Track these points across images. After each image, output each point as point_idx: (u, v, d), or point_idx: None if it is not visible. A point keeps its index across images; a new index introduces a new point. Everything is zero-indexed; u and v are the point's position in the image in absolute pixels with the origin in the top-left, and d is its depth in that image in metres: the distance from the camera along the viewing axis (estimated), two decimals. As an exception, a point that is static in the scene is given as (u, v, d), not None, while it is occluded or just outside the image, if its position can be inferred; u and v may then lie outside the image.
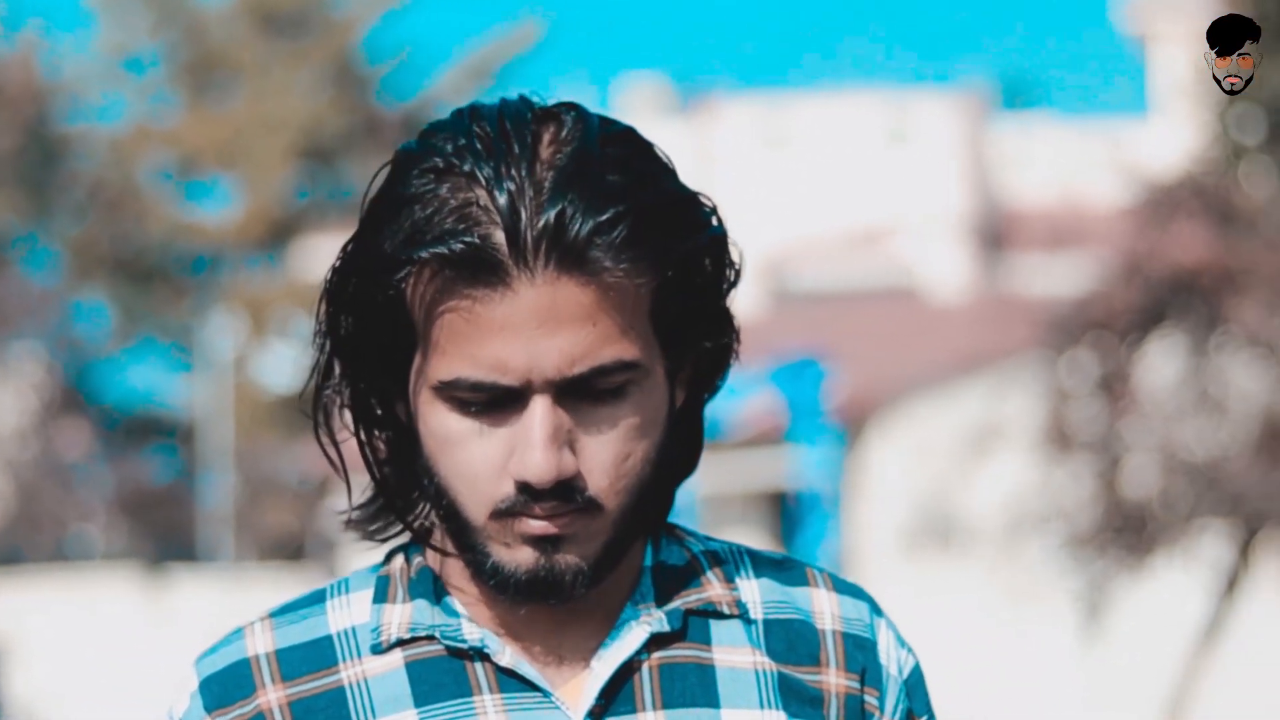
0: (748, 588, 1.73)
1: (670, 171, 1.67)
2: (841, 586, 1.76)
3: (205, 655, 1.72)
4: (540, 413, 1.61)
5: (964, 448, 20.57)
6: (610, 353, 1.62)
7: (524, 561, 1.64)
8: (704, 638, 1.70)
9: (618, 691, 1.67)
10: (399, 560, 1.73)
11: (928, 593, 21.04)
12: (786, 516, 22.25)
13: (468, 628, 1.68)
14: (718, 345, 1.69)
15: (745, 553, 1.75)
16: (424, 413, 1.65)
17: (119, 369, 41.97)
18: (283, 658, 1.70)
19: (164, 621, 28.38)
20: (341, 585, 1.73)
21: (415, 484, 1.69)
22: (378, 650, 1.69)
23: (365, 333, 1.66)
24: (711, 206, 1.67)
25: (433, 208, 1.62)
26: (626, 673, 1.68)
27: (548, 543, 1.63)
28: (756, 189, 32.24)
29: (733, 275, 1.68)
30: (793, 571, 1.75)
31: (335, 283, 1.66)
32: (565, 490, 1.62)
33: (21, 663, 27.72)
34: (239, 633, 1.73)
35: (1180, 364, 15.59)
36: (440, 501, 1.66)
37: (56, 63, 41.84)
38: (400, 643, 1.69)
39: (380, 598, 1.71)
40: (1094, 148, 31.96)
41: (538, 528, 1.63)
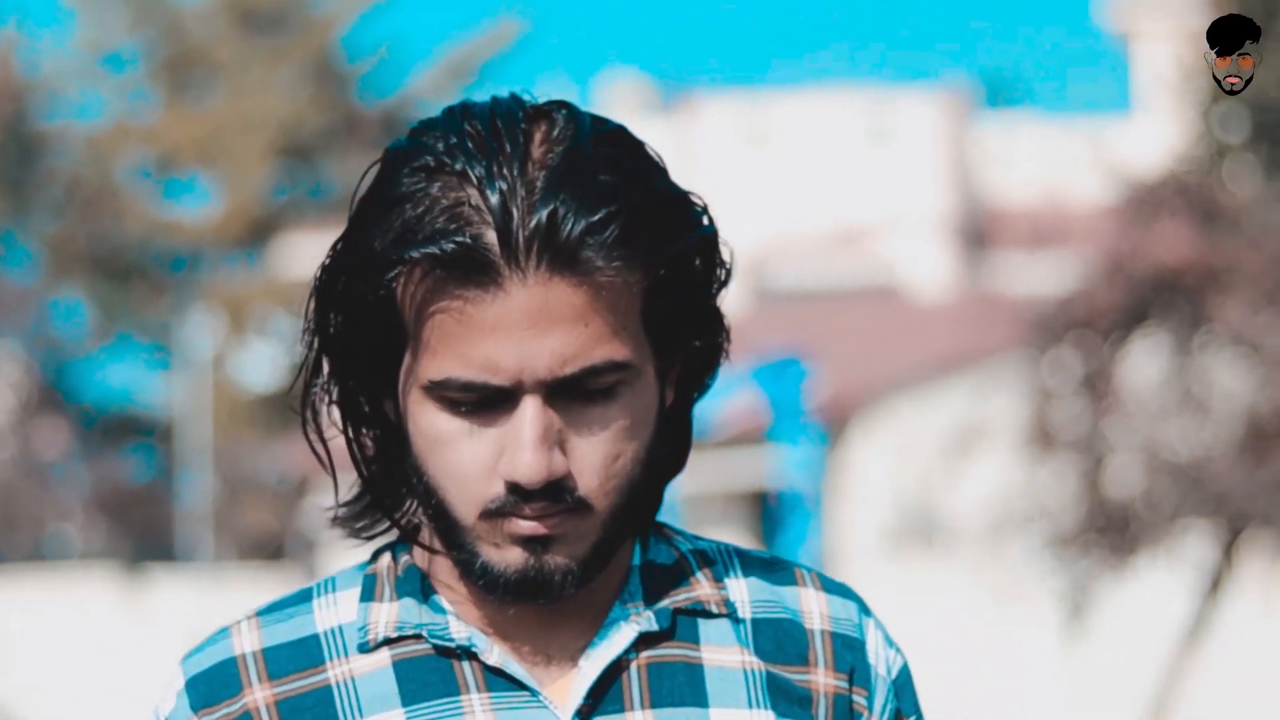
0: (736, 587, 1.73)
1: (661, 170, 1.66)
2: (830, 586, 1.76)
3: (191, 654, 1.72)
4: (531, 413, 1.61)
5: (947, 447, 20.54)
6: (601, 353, 1.61)
7: (513, 562, 1.64)
8: (692, 637, 1.70)
9: (606, 691, 1.67)
10: (386, 559, 1.73)
11: (910, 593, 20.98)
12: (768, 516, 22.21)
13: (455, 626, 1.68)
14: (708, 345, 1.69)
15: (734, 552, 1.76)
16: (413, 412, 1.64)
17: (97, 367, 41.94)
18: (269, 657, 1.70)
19: (143, 621, 28.36)
20: (328, 584, 1.73)
21: (403, 483, 1.69)
22: (364, 649, 1.69)
23: (355, 332, 1.65)
24: (702, 205, 1.67)
25: (424, 207, 1.61)
26: (615, 672, 1.68)
27: (537, 543, 1.63)
28: (738, 187, 32.21)
29: (723, 274, 1.68)
30: (781, 571, 1.75)
31: (324, 281, 1.66)
32: (555, 491, 1.62)
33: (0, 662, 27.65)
34: (225, 632, 1.72)
35: (1164, 363, 15.58)
36: (429, 501, 1.65)
37: (35, 60, 41.76)
38: (387, 641, 1.69)
39: (367, 596, 1.71)
40: (1077, 146, 31.97)
41: (527, 528, 1.63)
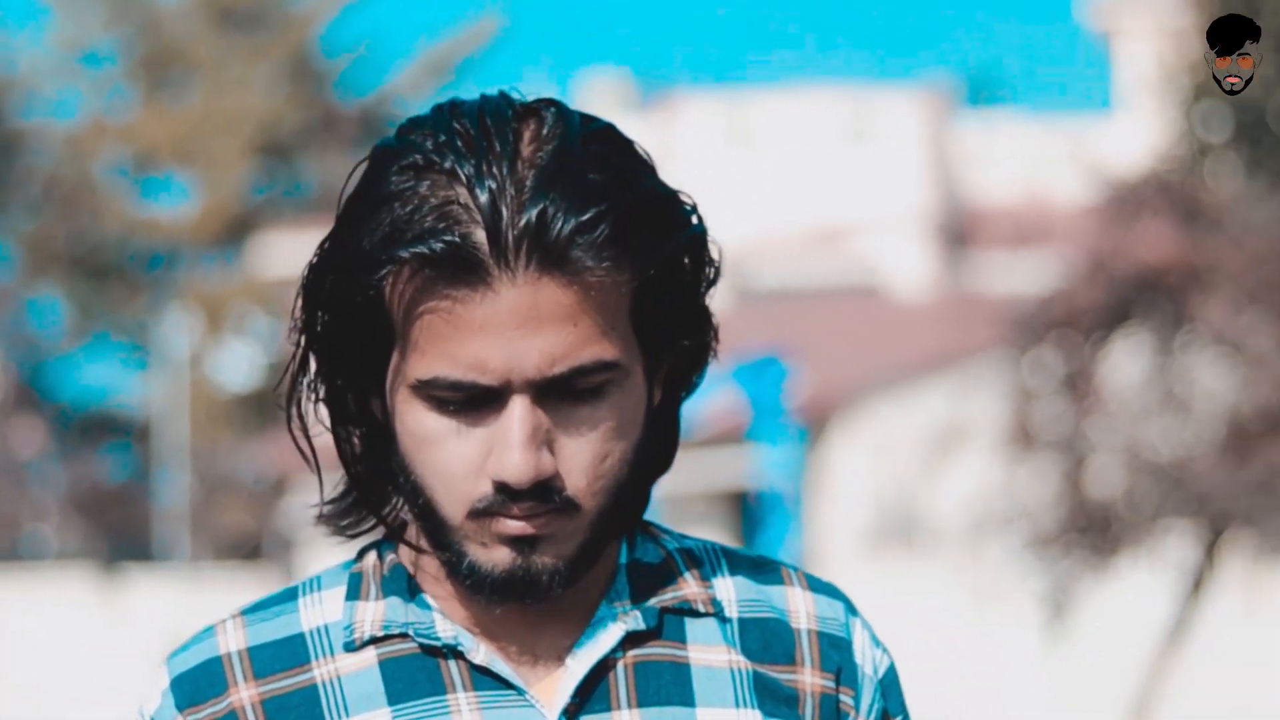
0: (723, 586, 1.73)
1: (650, 169, 1.66)
2: (817, 585, 1.75)
3: (177, 653, 1.71)
4: (519, 413, 1.61)
5: (927, 447, 20.48)
6: (590, 353, 1.61)
7: (501, 561, 1.63)
8: (679, 636, 1.70)
9: (593, 690, 1.67)
10: (371, 557, 1.72)
11: (890, 593, 20.91)
12: (748, 516, 22.17)
13: (441, 625, 1.68)
14: (697, 344, 1.69)
15: (720, 551, 1.76)
16: (401, 411, 1.64)
17: (74, 366, 41.87)
18: (255, 655, 1.69)
19: (119, 621, 28.32)
20: (313, 583, 1.73)
21: (390, 481, 1.69)
22: (350, 648, 1.68)
23: (343, 330, 1.65)
24: (691, 204, 1.67)
25: (412, 206, 1.61)
26: (602, 671, 1.68)
27: (525, 543, 1.63)
28: (718, 186, 32.16)
29: (712, 273, 1.68)
30: (768, 570, 1.75)
31: (312, 280, 1.65)
32: (543, 490, 1.62)
33: (-26, 664, 27.53)
34: (210, 630, 1.71)
35: (1145, 363, 15.54)
36: (416, 500, 1.65)
37: (11, 57, 41.63)
38: (373, 640, 1.68)
39: (353, 595, 1.70)
40: (1058, 145, 31.92)
41: (515, 528, 1.63)
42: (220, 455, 35.30)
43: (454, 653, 1.68)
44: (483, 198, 1.60)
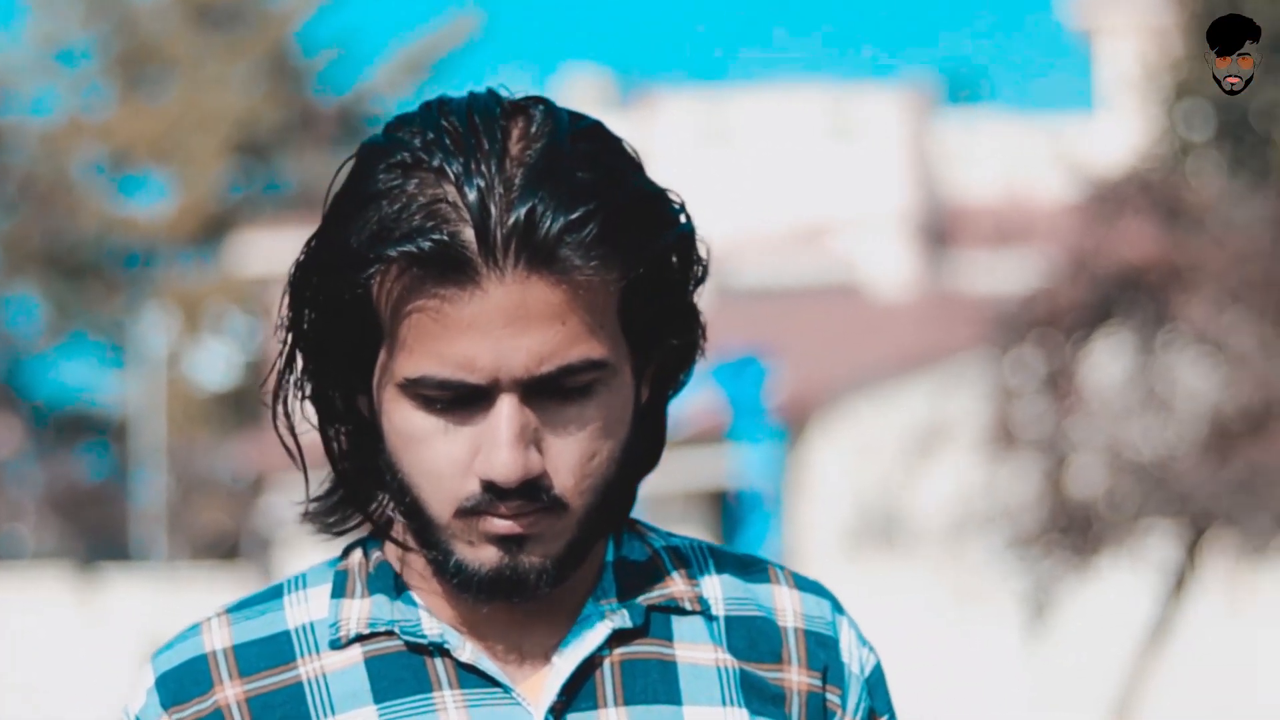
0: (710, 584, 1.73)
1: (639, 167, 1.66)
2: (803, 584, 1.75)
3: (162, 651, 1.71)
4: (507, 412, 1.61)
5: (907, 446, 20.45)
6: (578, 352, 1.61)
7: (488, 560, 1.63)
8: (666, 634, 1.70)
9: (579, 687, 1.67)
10: (357, 555, 1.72)
11: (871, 593, 20.85)
12: (727, 516, 22.15)
13: (428, 623, 1.68)
14: (684, 342, 1.69)
15: (707, 549, 1.76)
16: (388, 409, 1.64)
17: (50, 365, 41.78)
18: (240, 653, 1.69)
19: (96, 621, 28.31)
20: (299, 580, 1.73)
21: (376, 479, 1.69)
22: (336, 645, 1.68)
23: (330, 328, 1.65)
24: (680, 203, 1.67)
25: (400, 204, 1.60)
26: (588, 669, 1.68)
27: (512, 542, 1.63)
28: (697, 184, 32.14)
29: (700, 271, 1.68)
30: (754, 568, 1.75)
31: (299, 278, 1.65)
32: (531, 489, 1.62)
33: (-50, 664, 27.49)
34: (195, 629, 1.71)
35: (1127, 362, 15.53)
36: (403, 499, 1.65)
37: (-13, 55, 41.48)
38: (359, 638, 1.68)
39: (338, 593, 1.70)
40: (1039, 143, 31.93)
41: (503, 527, 1.62)
42: (197, 454, 35.26)
43: (440, 650, 1.67)
44: (471, 196, 1.59)
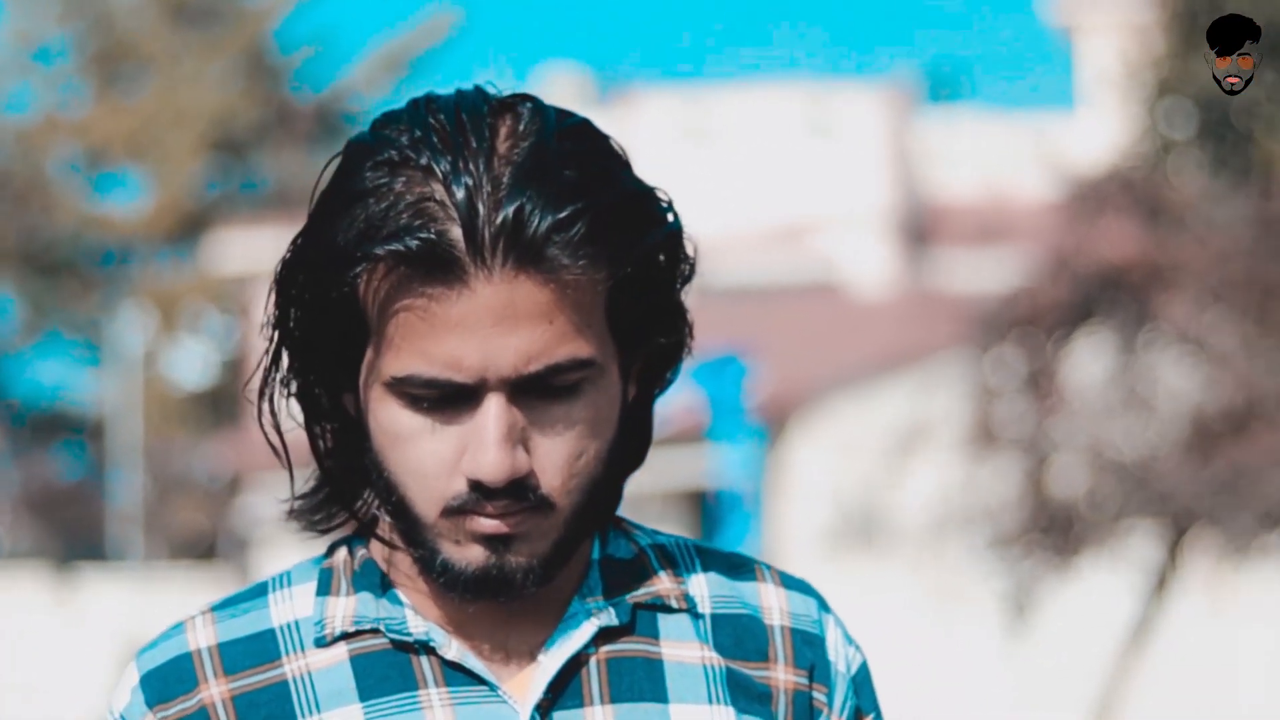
0: (696, 582, 1.73)
1: (626, 165, 1.66)
2: (790, 582, 1.75)
3: (146, 650, 1.70)
4: (494, 411, 1.61)
5: (888, 446, 20.40)
6: (566, 351, 1.61)
7: (474, 559, 1.63)
8: (652, 632, 1.70)
9: (565, 685, 1.67)
10: (342, 553, 1.72)
11: (851, 593, 20.79)
12: (707, 515, 22.09)
13: (413, 621, 1.68)
14: (671, 341, 1.69)
15: (693, 547, 1.76)
16: (375, 408, 1.64)
17: (26, 364, 41.63)
18: (225, 651, 1.69)
19: (73, 621, 28.25)
20: (283, 578, 1.73)
21: (363, 477, 1.68)
22: (321, 643, 1.68)
23: (316, 326, 1.64)
24: (667, 201, 1.67)
25: (387, 202, 1.60)
26: (574, 667, 1.68)
27: (499, 541, 1.63)
28: (676, 182, 31.87)
29: (687, 269, 1.68)
30: (741, 567, 1.75)
31: (284, 276, 1.65)
32: (518, 489, 1.62)
33: (-75, 665, 27.41)
34: (179, 627, 1.71)
35: (1108, 361, 15.51)
36: (389, 497, 1.65)
37: (-38, 52, 41.34)
38: (344, 636, 1.68)
39: (323, 590, 1.70)
40: (1020, 142, 31.92)
41: (489, 526, 1.62)
42: (174, 454, 35.17)
43: (426, 648, 1.67)
44: (459, 195, 1.58)
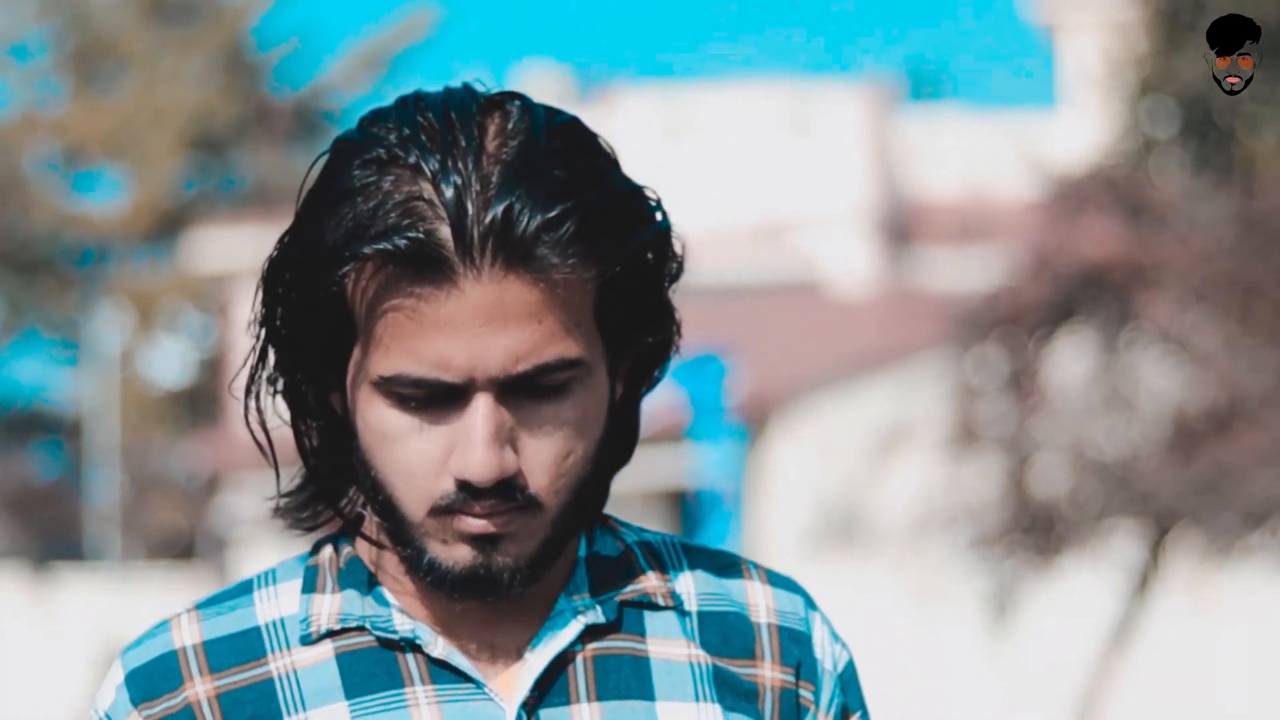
0: (682, 580, 1.73)
1: (615, 164, 1.66)
2: (776, 580, 1.75)
3: (131, 648, 1.70)
4: (483, 411, 1.61)
5: (869, 445, 20.39)
6: (555, 350, 1.61)
7: (461, 559, 1.63)
8: (639, 629, 1.70)
9: (552, 683, 1.67)
10: (328, 550, 1.72)
11: (832, 593, 20.74)
12: (687, 515, 22.05)
13: (399, 619, 1.67)
14: (659, 339, 1.69)
15: (680, 544, 1.76)
16: (362, 407, 1.64)
17: (3, 363, 41.52)
18: (210, 649, 1.69)
19: (50, 621, 28.20)
20: (268, 576, 1.72)
21: (349, 476, 1.68)
22: (307, 641, 1.68)
23: (303, 325, 1.64)
24: (656, 200, 1.67)
25: (376, 201, 1.60)
26: (561, 664, 1.68)
27: (486, 541, 1.63)
28: (656, 181, 31.82)
29: (675, 268, 1.68)
30: (727, 564, 1.75)
31: (271, 274, 1.64)
32: (505, 489, 1.62)
33: (-99, 666, 27.34)
34: (164, 625, 1.71)
35: (1090, 361, 15.50)
36: (376, 496, 1.65)
37: (-61, 50, 41.22)
38: (330, 634, 1.68)
39: (309, 588, 1.70)
40: (1002, 140, 31.87)
41: (477, 526, 1.62)
42: (152, 453, 35.10)
43: (412, 646, 1.67)
44: (448, 194, 1.58)
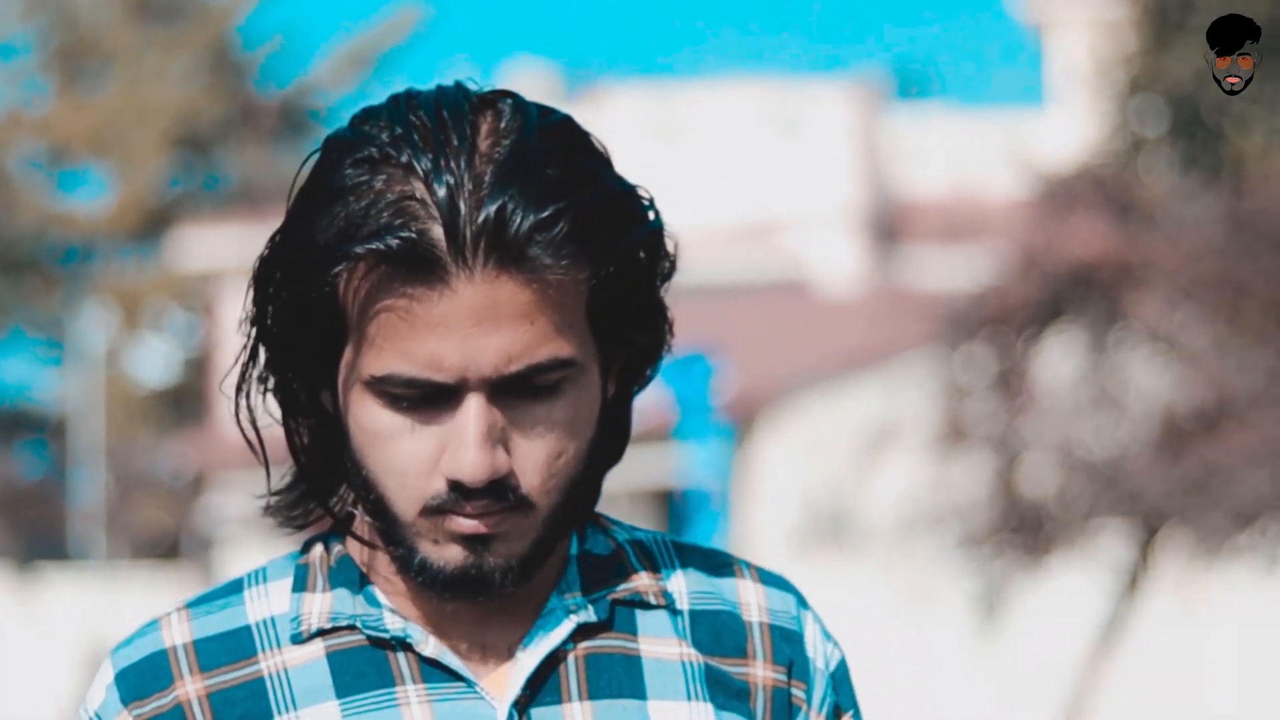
0: (675, 578, 1.73)
1: (608, 163, 1.65)
2: (768, 578, 1.75)
3: (121, 647, 1.69)
4: (475, 411, 1.60)
5: (857, 445, 20.38)
6: (547, 350, 1.61)
7: (453, 559, 1.63)
8: (630, 628, 1.70)
9: (544, 682, 1.67)
10: (318, 549, 1.72)
11: (820, 592, 20.69)
12: (674, 515, 22.01)
13: (390, 618, 1.67)
14: (652, 339, 1.69)
15: (671, 543, 1.76)
16: (354, 406, 1.64)
17: (-12, 362, 41.39)
18: (201, 648, 1.68)
19: (34, 621, 28.18)
20: (259, 574, 1.72)
21: (340, 474, 1.68)
22: (298, 640, 1.68)
23: (294, 324, 1.63)
24: (649, 199, 1.66)
25: (368, 200, 1.59)
26: (552, 663, 1.67)
27: (478, 541, 1.63)
28: (644, 179, 31.81)
29: (667, 267, 1.67)
30: (719, 563, 1.75)
31: (263, 273, 1.64)
32: (497, 489, 1.61)
33: (-116, 666, 27.28)
34: (155, 624, 1.70)
35: (1078, 360, 15.48)
36: (368, 496, 1.65)
37: (-77, 48, 41.16)
38: (321, 633, 1.68)
39: (300, 587, 1.70)
40: (990, 139, 31.85)
41: (468, 526, 1.62)
42: (137, 452, 35.04)
43: (403, 645, 1.67)
44: (440, 193, 1.57)
